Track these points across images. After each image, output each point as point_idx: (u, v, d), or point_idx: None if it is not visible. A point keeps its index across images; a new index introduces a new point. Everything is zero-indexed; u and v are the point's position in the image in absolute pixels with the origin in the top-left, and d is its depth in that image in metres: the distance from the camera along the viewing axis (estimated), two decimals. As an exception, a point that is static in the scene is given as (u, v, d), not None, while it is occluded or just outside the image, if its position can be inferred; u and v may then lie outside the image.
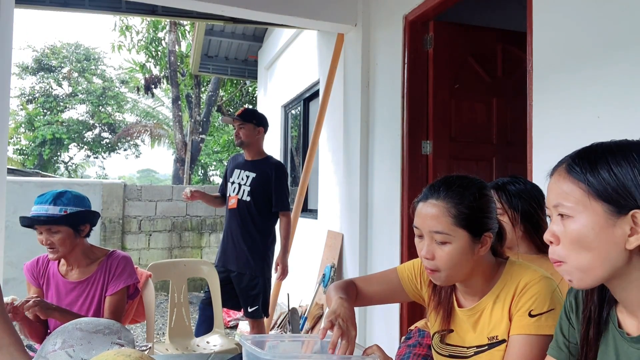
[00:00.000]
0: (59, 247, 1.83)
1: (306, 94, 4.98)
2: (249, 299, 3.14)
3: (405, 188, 2.96)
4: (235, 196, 3.15)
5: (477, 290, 1.20)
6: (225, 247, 3.20)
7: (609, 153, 0.80)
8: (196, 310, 5.58)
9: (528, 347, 1.08)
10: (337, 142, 3.83)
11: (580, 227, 0.79)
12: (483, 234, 1.14)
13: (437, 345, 1.28)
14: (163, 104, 16.13)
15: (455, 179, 1.17)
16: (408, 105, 2.96)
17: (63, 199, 1.85)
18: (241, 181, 3.17)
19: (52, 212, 1.81)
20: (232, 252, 3.15)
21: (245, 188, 3.14)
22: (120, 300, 1.92)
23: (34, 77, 17.18)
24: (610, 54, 1.65)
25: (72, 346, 1.19)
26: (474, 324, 1.20)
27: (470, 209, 1.12)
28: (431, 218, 1.14)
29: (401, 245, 2.97)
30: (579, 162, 0.82)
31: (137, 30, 10.56)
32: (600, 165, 0.79)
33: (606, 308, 0.87)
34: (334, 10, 3.53)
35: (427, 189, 1.19)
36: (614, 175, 0.77)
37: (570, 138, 1.78)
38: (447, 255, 1.12)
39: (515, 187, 1.59)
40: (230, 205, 3.17)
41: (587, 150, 0.83)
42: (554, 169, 0.86)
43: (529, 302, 1.10)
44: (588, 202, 0.79)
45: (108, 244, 6.03)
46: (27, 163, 16.13)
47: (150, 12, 4.18)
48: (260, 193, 3.13)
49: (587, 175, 0.79)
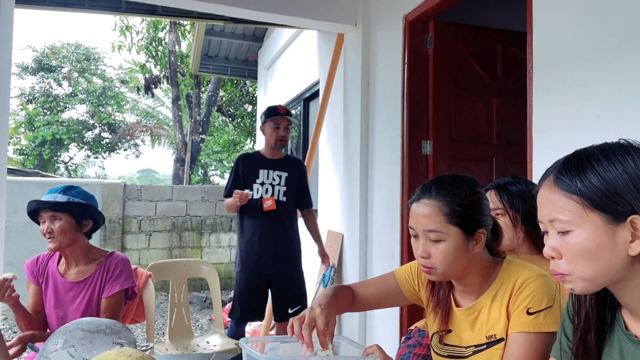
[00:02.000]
0: (58, 236, 1.84)
1: (306, 94, 4.98)
2: (293, 298, 3.07)
3: (405, 188, 2.97)
4: (272, 197, 3.04)
5: (474, 289, 1.21)
6: (261, 250, 3.03)
7: (593, 158, 0.79)
8: (196, 310, 5.61)
9: (527, 345, 1.09)
10: (337, 142, 3.83)
11: (581, 241, 0.78)
12: (476, 230, 1.15)
13: (435, 345, 1.28)
14: (163, 104, 16.11)
15: (447, 178, 1.19)
16: (408, 105, 2.97)
17: (72, 191, 1.91)
18: (273, 181, 3.08)
19: (59, 199, 1.86)
20: (272, 254, 3.04)
21: (280, 188, 3.07)
22: (115, 303, 1.91)
23: (34, 77, 17.16)
24: (610, 54, 1.65)
25: (73, 346, 1.20)
26: (472, 323, 1.20)
27: (462, 207, 1.14)
28: (424, 217, 1.15)
29: (401, 245, 2.97)
30: (565, 172, 0.80)
31: (137, 30, 10.56)
32: (588, 171, 0.78)
33: (610, 311, 0.85)
34: (334, 10, 3.53)
35: (419, 190, 1.22)
36: (602, 180, 0.76)
37: (570, 138, 1.78)
38: (442, 253, 1.13)
39: (516, 188, 1.58)
40: (266, 207, 3.01)
41: (570, 159, 0.82)
42: (541, 182, 0.84)
43: (527, 300, 1.11)
44: (584, 214, 0.77)
45: (108, 244, 6.03)
46: (27, 163, 16.12)
47: (150, 12, 4.18)
48: (293, 192, 3.13)
49: (577, 185, 0.78)
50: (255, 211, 3.03)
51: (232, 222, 6.80)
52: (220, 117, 13.90)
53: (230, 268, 6.77)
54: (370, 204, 3.39)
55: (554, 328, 1.07)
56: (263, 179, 3.07)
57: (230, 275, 6.74)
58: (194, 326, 4.49)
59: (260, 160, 3.13)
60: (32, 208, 1.88)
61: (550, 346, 1.05)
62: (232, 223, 6.80)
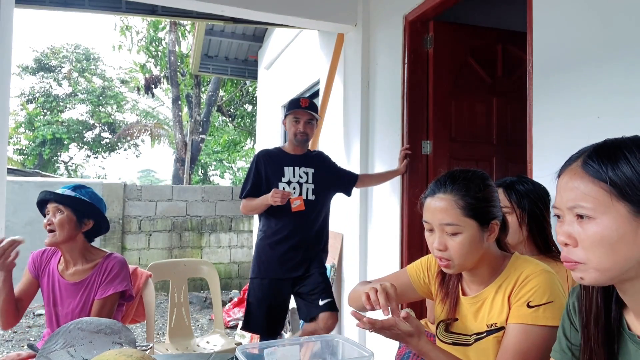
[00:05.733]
0: (56, 228, 1.86)
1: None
2: (321, 291, 2.74)
3: (405, 188, 2.96)
4: (300, 197, 2.75)
5: (482, 279, 1.24)
6: (287, 255, 2.75)
7: (626, 148, 0.76)
8: (196, 310, 5.61)
9: (523, 335, 1.12)
10: (337, 142, 3.83)
11: (603, 229, 0.75)
12: (490, 222, 1.19)
13: (441, 333, 1.32)
14: (163, 104, 16.14)
15: (459, 172, 1.23)
16: (408, 105, 2.96)
17: (82, 190, 1.95)
18: (300, 179, 2.79)
19: (67, 194, 1.91)
20: (301, 258, 2.76)
21: (308, 186, 2.79)
22: (107, 306, 1.89)
23: (34, 77, 17.17)
24: (610, 53, 1.65)
25: (73, 346, 1.20)
26: (476, 312, 1.24)
27: (477, 199, 1.18)
28: (440, 211, 1.18)
29: (401, 245, 2.97)
30: (596, 159, 0.77)
31: (137, 30, 10.58)
32: (621, 162, 0.75)
33: (615, 310, 0.84)
34: (334, 10, 3.53)
35: (433, 185, 1.24)
36: (635, 172, 0.74)
37: (570, 138, 1.78)
38: (458, 245, 1.17)
39: (523, 187, 1.59)
40: (294, 208, 2.71)
41: (602, 146, 0.79)
42: (565, 167, 0.82)
43: (529, 294, 1.14)
44: (610, 202, 0.75)
45: (108, 244, 6.03)
46: (27, 163, 16.13)
47: (150, 12, 4.19)
48: (323, 189, 2.84)
49: (607, 173, 0.75)
50: (282, 212, 2.72)
51: (232, 222, 6.80)
52: (220, 117, 13.91)
53: (231, 268, 6.77)
54: (370, 204, 3.39)
55: (552, 322, 1.09)
56: (289, 177, 2.77)
57: (230, 275, 6.74)
58: (194, 326, 4.50)
59: (284, 157, 2.82)
60: (40, 198, 1.92)
61: (547, 340, 1.06)
62: (232, 223, 6.80)
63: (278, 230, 2.75)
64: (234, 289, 6.62)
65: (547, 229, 1.60)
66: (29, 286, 1.97)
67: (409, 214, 2.93)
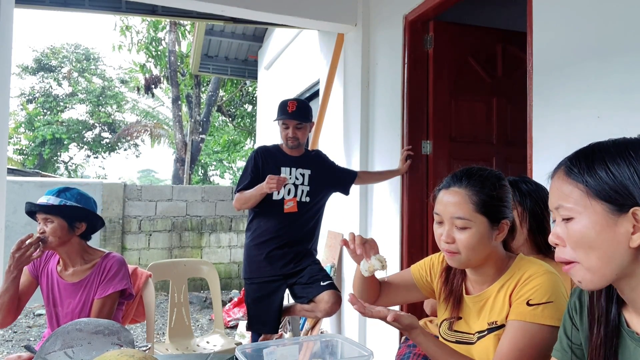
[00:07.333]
0: (49, 236, 1.84)
1: (306, 94, 4.98)
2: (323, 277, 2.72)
3: (405, 188, 2.96)
4: (294, 198, 2.74)
5: (486, 279, 1.25)
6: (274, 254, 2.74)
7: (606, 152, 0.80)
8: (196, 310, 5.61)
9: (521, 332, 1.12)
10: (337, 142, 3.83)
11: (581, 228, 0.80)
12: (501, 221, 1.20)
13: (444, 332, 1.32)
14: (163, 104, 16.12)
15: (476, 169, 1.25)
16: (408, 105, 2.96)
17: (67, 193, 1.90)
18: (296, 180, 2.76)
19: (52, 202, 1.86)
20: (290, 255, 2.76)
21: (303, 188, 2.76)
22: (107, 305, 1.89)
23: (34, 77, 17.17)
24: (610, 54, 1.65)
25: (71, 347, 1.19)
26: (479, 311, 1.24)
27: (490, 197, 1.19)
28: (453, 205, 1.20)
29: (401, 245, 2.97)
30: (576, 163, 0.82)
31: (137, 30, 10.57)
32: (598, 165, 0.79)
33: (615, 308, 0.86)
34: (334, 10, 3.53)
35: (449, 178, 1.26)
36: (611, 174, 0.78)
37: (570, 138, 1.78)
38: (466, 240, 1.18)
39: (526, 187, 1.60)
40: (287, 209, 2.72)
41: (584, 151, 0.84)
42: (554, 171, 0.87)
43: (529, 292, 1.14)
44: (587, 202, 0.79)
45: (108, 244, 6.03)
46: (27, 163, 16.12)
47: (150, 12, 4.18)
48: (319, 190, 2.82)
49: (584, 176, 0.80)
50: (273, 212, 2.73)
51: (232, 222, 6.80)
52: (220, 117, 13.91)
53: (231, 268, 6.77)
54: (370, 204, 3.39)
55: (550, 322, 1.10)
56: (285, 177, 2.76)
57: (230, 275, 6.74)
58: (194, 326, 4.49)
59: (281, 157, 2.80)
60: (26, 210, 1.90)
61: (545, 339, 1.08)
62: (232, 223, 6.80)
63: (267, 230, 2.75)
64: (234, 289, 6.62)
65: (548, 228, 1.60)
66: (28, 286, 1.97)
67: (409, 214, 2.93)
